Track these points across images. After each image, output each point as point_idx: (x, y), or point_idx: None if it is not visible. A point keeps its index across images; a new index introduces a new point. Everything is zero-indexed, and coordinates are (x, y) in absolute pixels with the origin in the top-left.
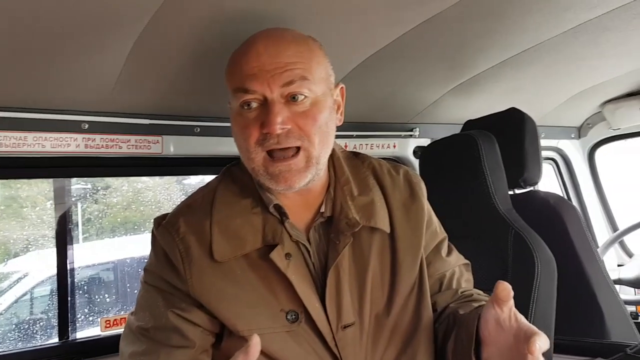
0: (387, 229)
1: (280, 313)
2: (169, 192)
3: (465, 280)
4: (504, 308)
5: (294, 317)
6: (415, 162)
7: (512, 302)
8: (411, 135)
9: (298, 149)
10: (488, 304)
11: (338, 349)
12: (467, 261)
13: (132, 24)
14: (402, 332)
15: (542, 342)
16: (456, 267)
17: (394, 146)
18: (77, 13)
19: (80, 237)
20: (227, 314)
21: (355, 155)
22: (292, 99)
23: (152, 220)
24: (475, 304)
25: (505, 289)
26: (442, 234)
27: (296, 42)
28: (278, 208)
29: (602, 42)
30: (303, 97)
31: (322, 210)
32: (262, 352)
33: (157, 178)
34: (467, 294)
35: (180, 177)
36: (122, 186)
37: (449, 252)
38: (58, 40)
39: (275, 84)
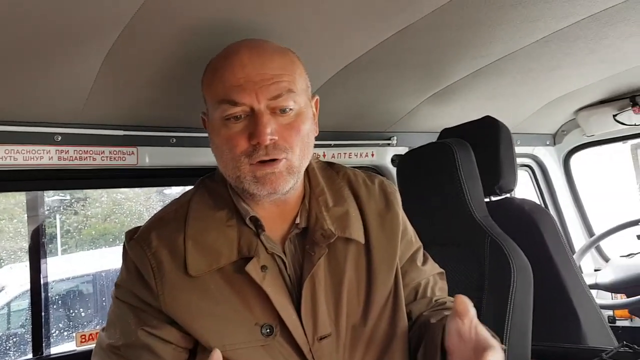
0: (362, 240)
1: (255, 327)
2: (149, 203)
3: (439, 289)
4: (464, 320)
5: (268, 330)
6: (394, 171)
7: (472, 313)
8: (389, 144)
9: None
10: (451, 316)
11: None
12: (441, 270)
13: (104, 35)
14: (378, 341)
15: (494, 358)
16: (431, 276)
17: (372, 155)
18: (48, 24)
19: (59, 249)
20: (200, 330)
21: (330, 166)
22: (279, 111)
23: (124, 234)
24: (446, 312)
25: (462, 302)
26: (417, 243)
27: (279, 54)
28: (254, 220)
29: (573, 50)
30: (289, 109)
31: (297, 221)
32: None
33: (137, 189)
34: (440, 302)
35: (160, 188)
36: (101, 197)
37: (424, 262)
38: (30, 52)
39: (263, 96)
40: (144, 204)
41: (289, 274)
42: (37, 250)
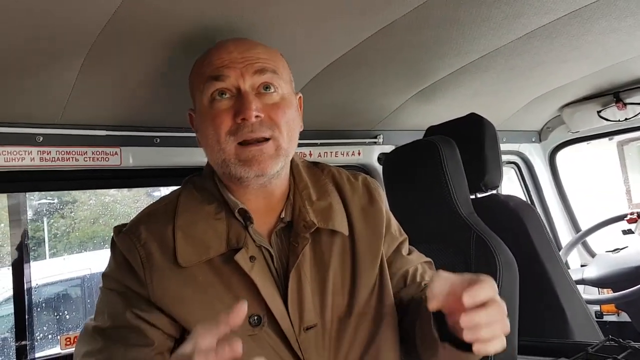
0: (346, 232)
1: None
2: (137, 205)
3: (428, 276)
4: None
5: (256, 320)
6: (380, 169)
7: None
8: (375, 143)
9: (268, 139)
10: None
11: (301, 350)
12: (429, 259)
13: (85, 34)
14: (364, 331)
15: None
16: (418, 264)
17: (359, 153)
18: (28, 24)
19: (47, 252)
20: (189, 318)
21: (314, 165)
22: (264, 89)
23: (113, 229)
24: None
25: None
26: (402, 236)
27: (263, 46)
28: (243, 212)
29: (556, 47)
30: (274, 89)
31: (283, 215)
32: None
33: (125, 191)
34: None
35: (150, 189)
36: (89, 200)
37: (410, 252)
38: (8, 54)
39: (248, 73)
40: (133, 206)
41: (275, 267)
42: (20, 254)
